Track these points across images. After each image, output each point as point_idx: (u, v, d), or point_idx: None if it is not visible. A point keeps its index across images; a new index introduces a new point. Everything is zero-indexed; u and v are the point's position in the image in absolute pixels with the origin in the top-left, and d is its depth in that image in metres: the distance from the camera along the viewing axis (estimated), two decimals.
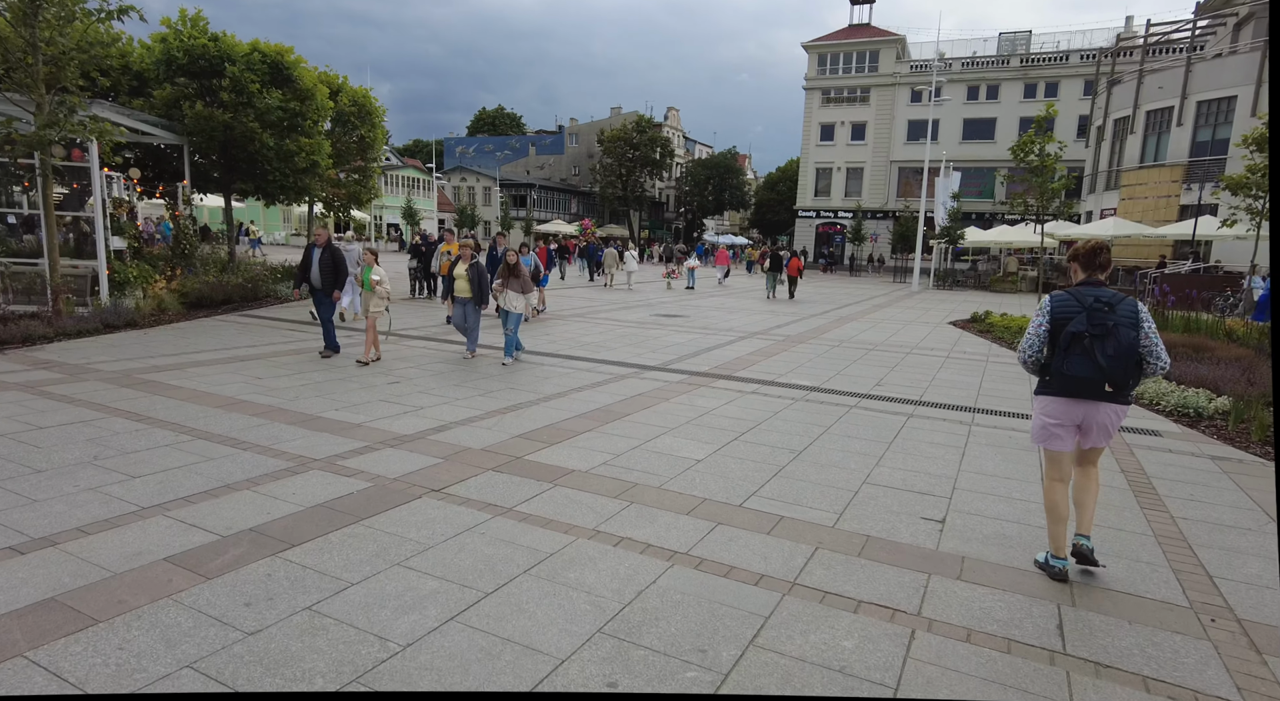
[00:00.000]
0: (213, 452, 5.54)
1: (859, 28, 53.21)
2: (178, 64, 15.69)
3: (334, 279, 9.70)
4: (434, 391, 8.05)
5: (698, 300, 21.93)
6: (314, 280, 9.73)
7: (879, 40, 51.28)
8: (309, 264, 9.71)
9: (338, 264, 9.67)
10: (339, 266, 9.66)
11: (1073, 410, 3.95)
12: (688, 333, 14.09)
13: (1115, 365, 3.77)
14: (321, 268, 9.66)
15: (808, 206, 54.31)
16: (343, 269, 9.69)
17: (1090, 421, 3.95)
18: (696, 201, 73.32)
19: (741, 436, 6.72)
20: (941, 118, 47.07)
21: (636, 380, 9.22)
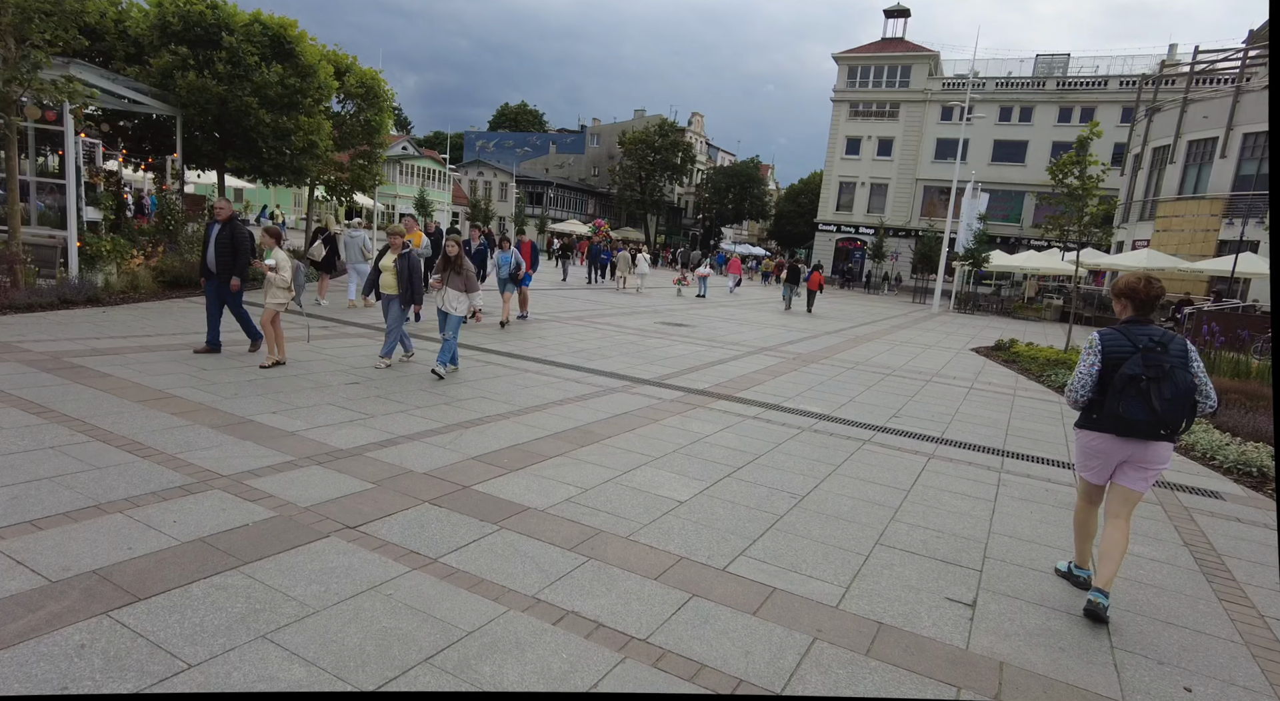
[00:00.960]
0: (103, 460, 4.68)
1: (892, 42, 52.21)
2: (172, 30, 14.96)
3: (231, 262, 8.08)
4: (395, 396, 7.18)
5: (707, 309, 21.01)
6: (209, 262, 8.18)
7: (912, 55, 50.25)
8: (206, 243, 8.22)
9: (238, 245, 8.06)
10: (239, 248, 8.07)
11: (1122, 448, 3.91)
12: (692, 344, 13.17)
13: (1171, 409, 3.71)
14: (218, 248, 8.06)
15: (829, 220, 53.27)
16: (243, 252, 8.10)
17: (1138, 458, 3.89)
18: (716, 209, 72.42)
19: (736, 472, 5.79)
20: (971, 137, 45.94)
21: (626, 395, 8.32)
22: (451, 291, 8.18)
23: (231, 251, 8.07)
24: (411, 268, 8.34)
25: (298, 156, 17.36)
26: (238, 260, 8.11)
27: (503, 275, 13.10)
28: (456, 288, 8.18)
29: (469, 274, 8.19)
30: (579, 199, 72.94)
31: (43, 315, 9.65)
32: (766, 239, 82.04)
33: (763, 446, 6.68)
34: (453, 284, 8.18)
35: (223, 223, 8.14)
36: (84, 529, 3.70)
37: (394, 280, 8.48)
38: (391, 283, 8.52)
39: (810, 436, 7.27)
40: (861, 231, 51.93)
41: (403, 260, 8.37)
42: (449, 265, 8.18)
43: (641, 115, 73.46)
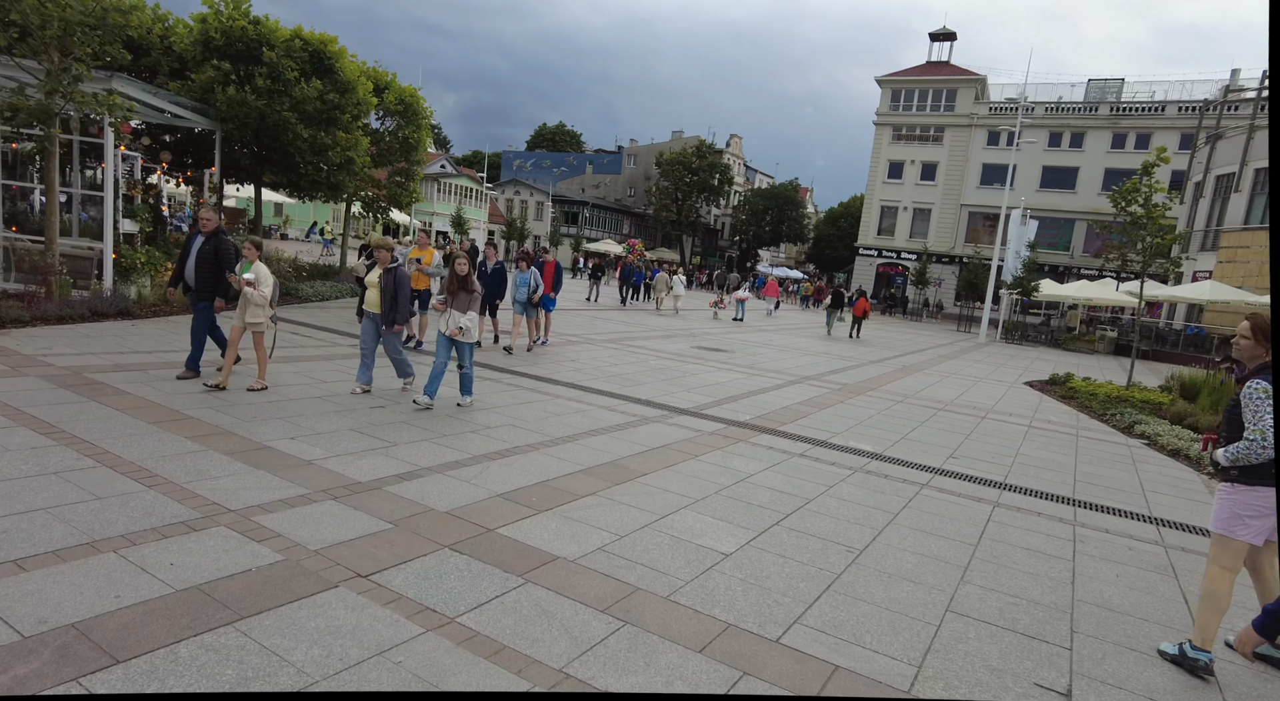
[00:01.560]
0: (106, 488, 4.41)
1: (937, 65, 51.63)
2: (215, 45, 15.17)
3: (213, 278, 7.41)
4: (420, 422, 6.87)
5: (745, 334, 20.54)
6: (188, 277, 7.55)
7: (958, 79, 49.58)
8: (186, 256, 7.59)
9: (221, 259, 7.41)
10: (222, 263, 7.42)
11: None
12: (730, 371, 12.73)
13: None
14: (199, 262, 7.41)
15: (870, 244, 52.50)
16: (226, 267, 7.44)
17: None
18: (753, 231, 72.06)
19: (785, 520, 5.33)
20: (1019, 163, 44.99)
21: (663, 426, 7.91)
22: (455, 313, 7.46)
23: (214, 267, 7.43)
24: (398, 283, 7.71)
25: (334, 172, 17.45)
26: (219, 278, 7.44)
27: (520, 297, 12.03)
28: (462, 309, 7.45)
29: (475, 296, 7.50)
30: (614, 219, 73.17)
31: (72, 327, 9.60)
32: (805, 262, 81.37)
33: (812, 489, 6.20)
34: (459, 305, 7.45)
35: (208, 235, 7.50)
36: (72, 571, 3.39)
37: (378, 298, 7.84)
38: (376, 300, 7.87)
39: (863, 478, 6.77)
40: (903, 256, 51.04)
41: (388, 275, 7.70)
42: (459, 285, 7.46)
43: (679, 136, 73.71)
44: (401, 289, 7.73)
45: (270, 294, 7.33)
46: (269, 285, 7.31)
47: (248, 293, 7.10)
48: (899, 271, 51.90)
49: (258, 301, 7.20)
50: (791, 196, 71.67)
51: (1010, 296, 34.37)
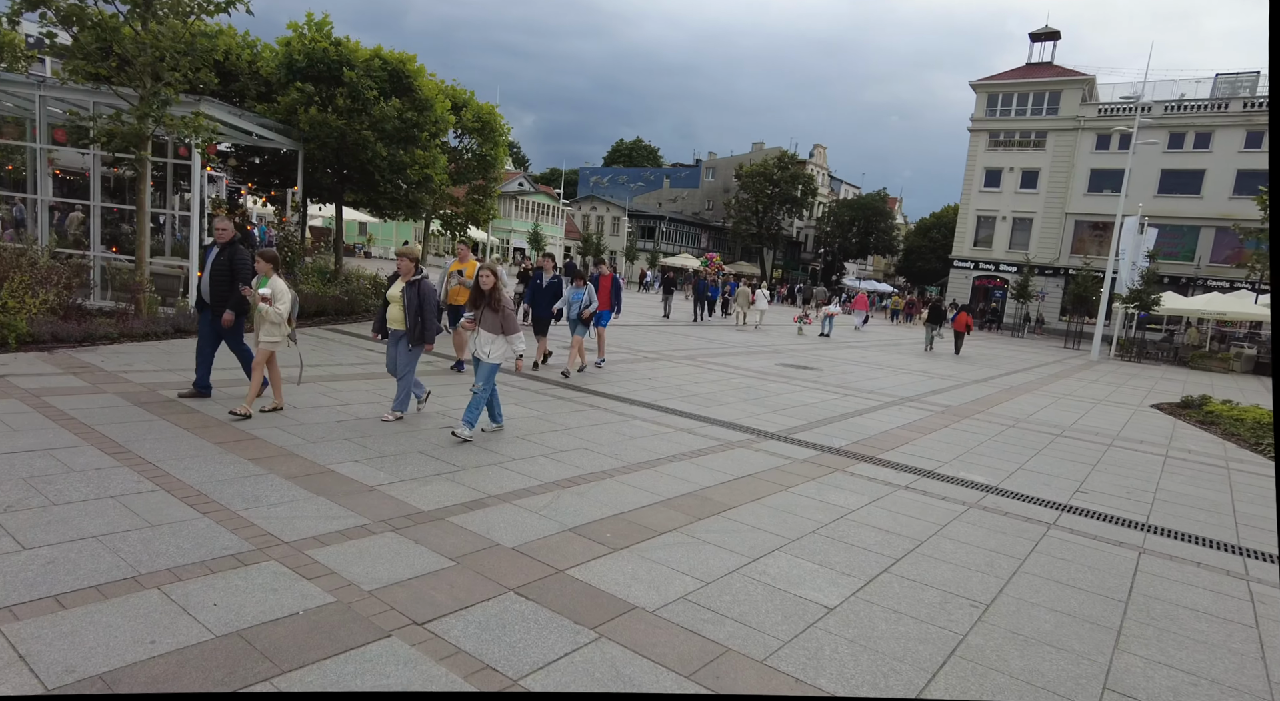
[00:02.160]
0: (161, 515, 4.27)
1: (1039, 66, 49.20)
2: (298, 67, 15.72)
3: (227, 291, 7.04)
4: (490, 445, 6.59)
5: (833, 350, 19.70)
6: (202, 290, 7.22)
7: (1062, 80, 47.05)
8: (203, 267, 7.31)
9: (236, 272, 7.03)
10: (237, 275, 7.04)
11: None
12: (820, 390, 12.05)
13: None
14: (214, 274, 7.06)
15: (965, 256, 50.26)
16: (241, 279, 7.04)
17: None
18: (838, 243, 70.42)
19: (894, 566, 4.73)
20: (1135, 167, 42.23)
21: (749, 452, 7.39)
22: (484, 332, 6.75)
23: (229, 280, 7.05)
24: (422, 297, 7.03)
25: (412, 190, 17.78)
26: (234, 291, 7.06)
27: (572, 315, 11.17)
28: (491, 329, 6.72)
29: (507, 313, 6.73)
30: (692, 233, 72.96)
31: (155, 344, 9.88)
32: (893, 275, 78.96)
33: (922, 529, 5.56)
34: (487, 324, 6.73)
35: (223, 246, 7.15)
36: (111, 610, 3.19)
37: (402, 313, 7.13)
38: (399, 316, 7.18)
39: (979, 516, 6.07)
40: (1002, 268, 48.59)
41: (411, 288, 7.02)
42: (483, 301, 6.73)
43: (760, 148, 73.03)
44: (427, 303, 7.05)
45: (288, 310, 6.82)
46: (286, 301, 6.78)
47: (263, 309, 6.61)
48: (997, 284, 49.43)
49: (273, 318, 6.69)
50: (879, 207, 69.74)
51: (1125, 310, 32.01)
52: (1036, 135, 47.72)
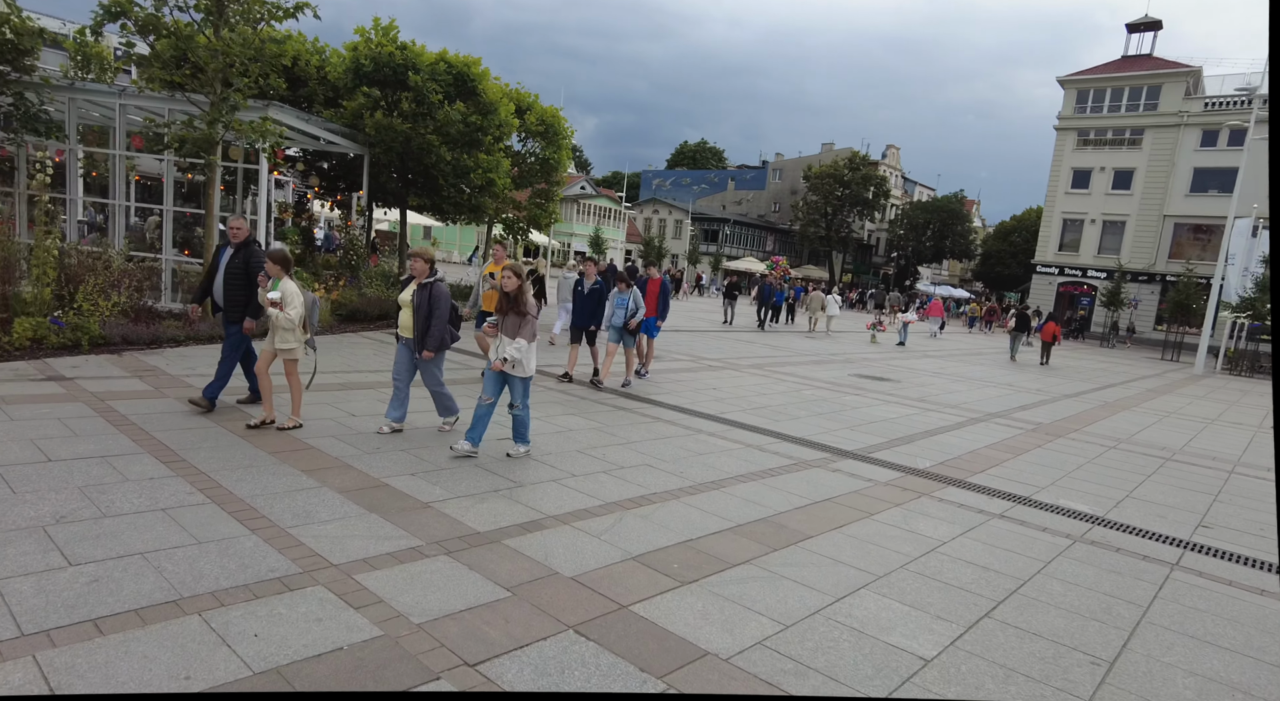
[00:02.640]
0: (209, 531, 4.15)
1: (1136, 59, 46.70)
2: (364, 72, 15.97)
3: (244, 296, 6.65)
4: (549, 458, 6.36)
5: (910, 360, 18.92)
6: (216, 295, 6.85)
7: (1164, 73, 44.47)
8: (215, 270, 6.92)
9: (252, 273, 6.65)
10: (253, 278, 6.63)
11: None
12: (899, 404, 11.47)
13: None
14: (228, 278, 6.69)
15: (1049, 262, 48.07)
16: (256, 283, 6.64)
17: None
18: (912, 246, 68.49)
19: (996, 610, 4.27)
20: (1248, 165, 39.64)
21: (825, 473, 6.96)
22: (506, 339, 6.18)
23: (245, 283, 6.67)
24: (434, 301, 6.48)
25: (475, 194, 17.89)
26: (253, 295, 6.62)
27: (615, 322, 10.32)
28: (511, 335, 6.15)
29: (529, 319, 6.18)
30: (757, 236, 72.11)
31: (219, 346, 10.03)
32: (970, 280, 76.42)
33: (1024, 566, 5.05)
34: (510, 331, 6.17)
35: (237, 247, 6.77)
36: (148, 638, 3.05)
37: (413, 319, 6.58)
38: (409, 322, 6.63)
39: (1087, 552, 5.51)
40: (1090, 274, 46.28)
41: (422, 292, 6.49)
42: (508, 305, 6.19)
43: (829, 148, 71.72)
44: (438, 308, 6.49)
45: (300, 315, 6.36)
46: (298, 305, 6.33)
47: (273, 315, 6.21)
48: (1084, 291, 47.11)
49: (284, 325, 6.27)
50: (956, 209, 67.55)
51: (1234, 320, 29.93)
52: (1132, 132, 45.28)
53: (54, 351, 8.45)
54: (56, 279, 9.77)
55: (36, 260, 9.31)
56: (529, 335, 6.13)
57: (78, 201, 13.25)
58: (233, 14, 11.33)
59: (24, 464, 4.88)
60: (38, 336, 8.53)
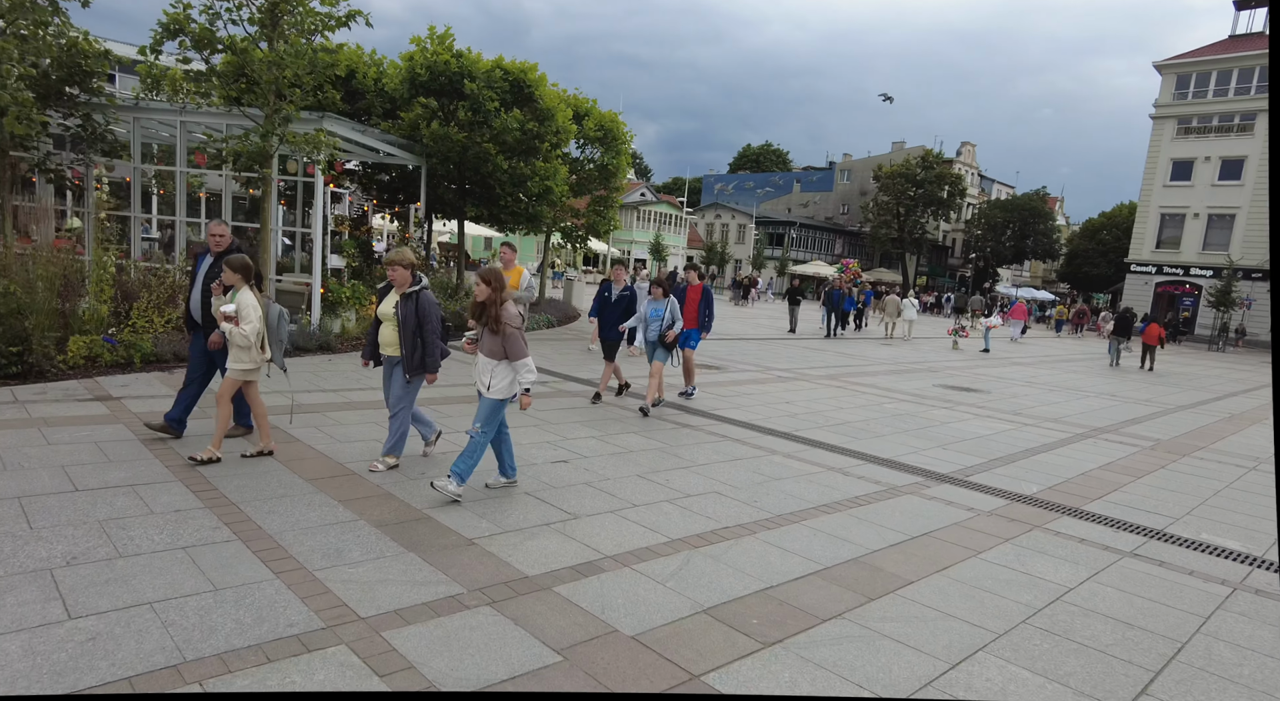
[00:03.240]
0: (228, 576, 3.78)
1: (1246, 38, 43.65)
2: (420, 82, 15.92)
3: None
4: (605, 484, 5.85)
5: (997, 368, 17.75)
6: (193, 308, 6.23)
7: None
8: (192, 281, 6.30)
9: None
10: None
11: None
12: (992, 418, 10.56)
13: None
14: (206, 288, 6.01)
15: (1145, 260, 45.28)
16: None
17: None
18: (990, 247, 65.85)
19: (1154, 684, 3.53)
20: None
21: (919, 501, 6.24)
22: (482, 357, 5.29)
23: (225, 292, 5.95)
24: (421, 315, 5.66)
25: (533, 202, 17.66)
26: None
27: (650, 336, 9.19)
28: (492, 354, 5.23)
29: (509, 333, 5.16)
30: (825, 239, 70.56)
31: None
32: (1054, 281, 73.10)
33: (1177, 623, 4.26)
34: (488, 348, 5.25)
35: (217, 255, 6.11)
36: None
37: (394, 334, 5.78)
38: (393, 338, 5.81)
39: (1253, 604, 4.65)
40: (1193, 273, 43.36)
41: (408, 303, 5.68)
42: (483, 316, 5.28)
43: (900, 147, 69.77)
44: (428, 321, 5.71)
45: (257, 330, 5.57)
46: (255, 320, 5.53)
47: (227, 330, 5.49)
48: (1186, 291, 44.15)
49: (239, 341, 5.52)
50: (1038, 207, 64.64)
51: None
52: (1242, 118, 42.29)
53: (107, 369, 8.42)
54: (114, 296, 9.84)
55: (95, 277, 9.37)
56: (518, 351, 5.18)
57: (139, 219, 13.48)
58: (287, 26, 11.33)
59: (49, 494, 4.63)
60: (92, 354, 8.52)
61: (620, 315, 9.56)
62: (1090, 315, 42.06)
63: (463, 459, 5.18)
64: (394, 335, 5.77)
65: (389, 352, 5.88)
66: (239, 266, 5.59)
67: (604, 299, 9.76)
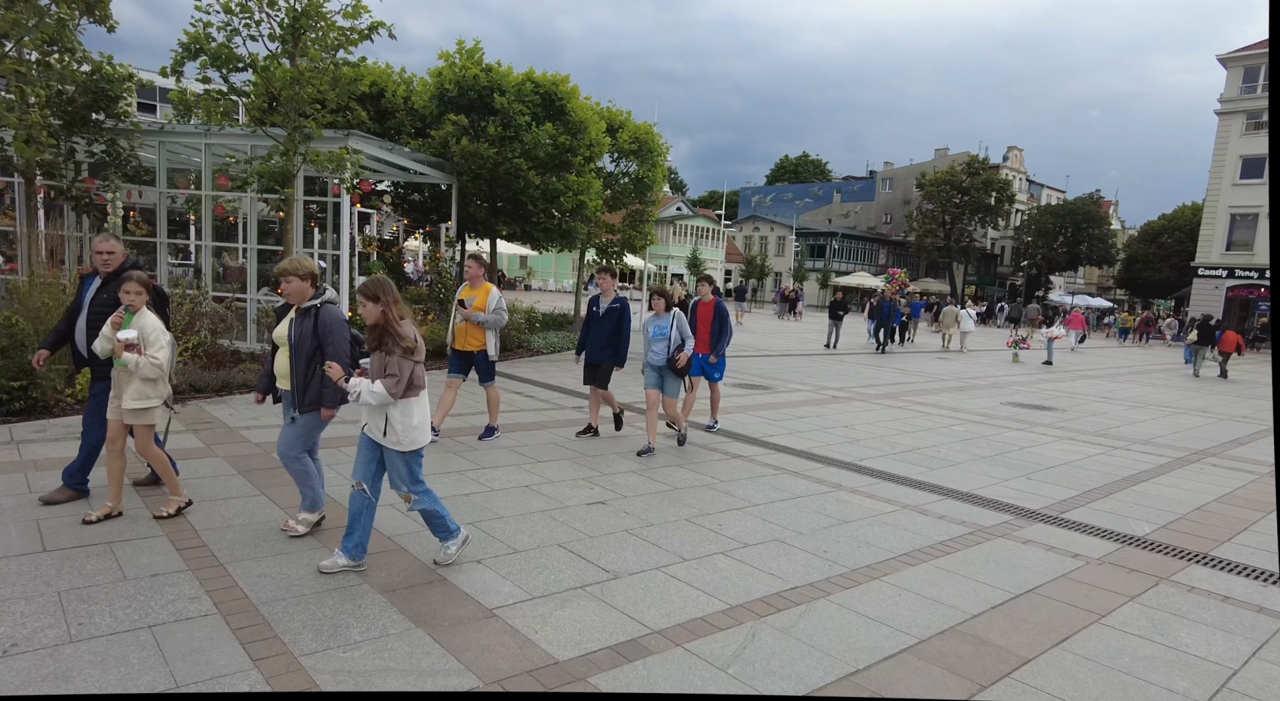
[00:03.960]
0: (196, 665, 3.13)
1: None
2: (449, 97, 15.54)
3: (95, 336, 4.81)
4: (646, 531, 5.13)
5: (1066, 382, 16.60)
6: (78, 341, 5.09)
7: None
8: (76, 309, 5.16)
9: None
10: None
11: None
12: (1074, 440, 9.58)
13: None
14: (93, 317, 4.98)
15: (1214, 263, 43.13)
16: None
17: None
18: (1041, 254, 63.78)
19: None
20: None
21: (1014, 546, 5.39)
22: (364, 385, 4.02)
23: None
24: (322, 334, 4.52)
25: (566, 218, 17.14)
26: None
27: (655, 361, 7.47)
28: (379, 385, 4.00)
29: (398, 359, 4.02)
30: (868, 249, 69.15)
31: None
32: (1111, 288, 70.54)
33: None
34: (374, 369, 4.11)
35: (107, 277, 5.06)
36: None
37: (287, 363, 4.65)
38: (286, 366, 4.69)
39: None
40: (1268, 276, 41.12)
41: (304, 321, 4.55)
42: (379, 338, 4.07)
43: (944, 154, 68.23)
44: (330, 342, 4.50)
45: (169, 360, 4.70)
46: (163, 348, 4.63)
47: (126, 361, 4.49)
48: (1261, 295, 41.90)
49: (147, 374, 4.56)
50: (1092, 212, 62.44)
51: None
52: None
53: None
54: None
55: None
56: (410, 383, 4.04)
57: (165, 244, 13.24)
58: (308, 42, 10.99)
59: (12, 557, 4.08)
60: None
61: (609, 332, 7.71)
62: (1157, 322, 40.13)
63: (435, 529, 4.34)
64: (286, 363, 4.65)
65: (286, 386, 4.71)
66: (141, 283, 4.66)
67: (592, 314, 7.92)
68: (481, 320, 7.25)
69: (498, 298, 7.36)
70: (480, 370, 7.51)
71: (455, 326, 7.47)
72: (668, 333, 7.38)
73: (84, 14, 11.95)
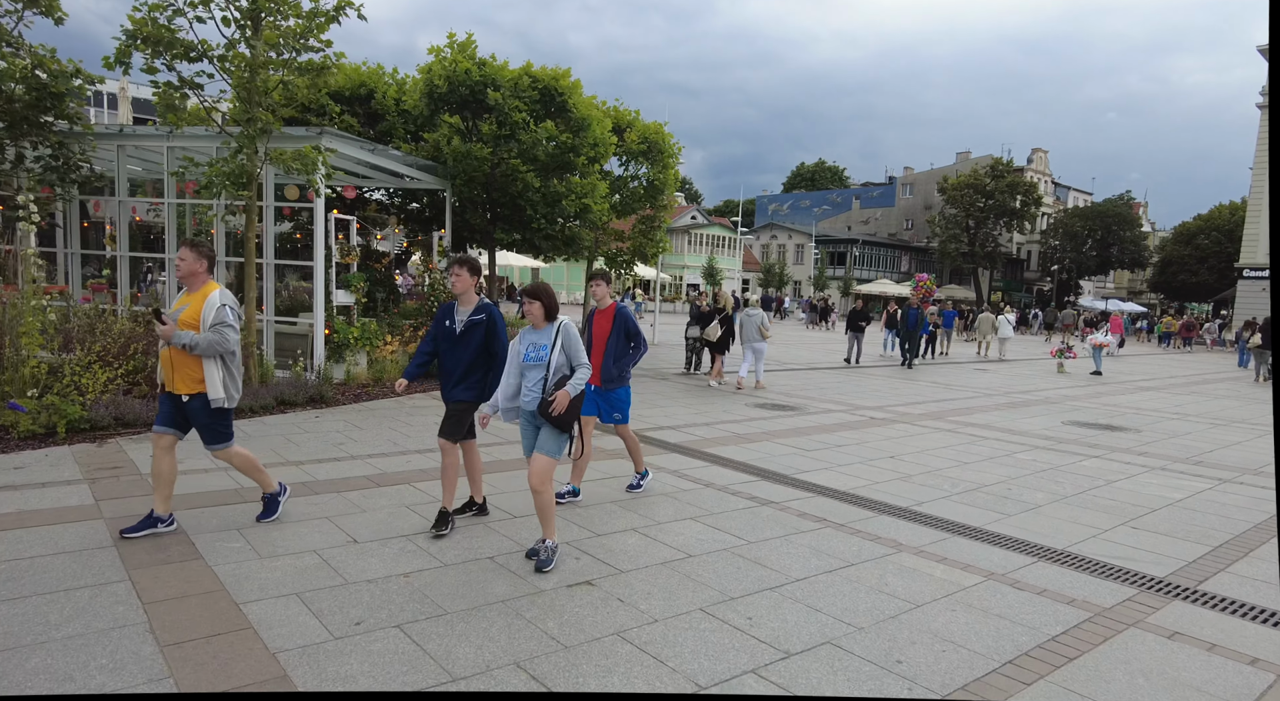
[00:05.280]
0: None
1: None
2: (439, 94, 14.28)
3: None
4: (643, 631, 3.70)
5: (1125, 394, 14.97)
6: None
7: None
8: None
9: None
10: None
11: None
12: (1167, 471, 8.04)
13: None
14: None
15: (1258, 264, 41.13)
16: None
17: None
18: (1070, 258, 61.79)
19: None
20: None
21: (1154, 640, 3.90)
22: None
23: None
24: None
25: (569, 224, 15.83)
26: None
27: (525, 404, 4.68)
28: None
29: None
30: (890, 255, 67.45)
31: (245, 422, 8.09)
32: (1143, 291, 68.39)
33: None
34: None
35: None
36: None
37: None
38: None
39: None
40: None
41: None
42: None
43: (966, 158, 66.60)
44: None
45: None
46: None
47: None
48: None
49: None
50: (1123, 214, 60.47)
51: None
52: None
53: (21, 442, 6.70)
54: (58, 347, 8.21)
55: (24, 328, 7.67)
56: None
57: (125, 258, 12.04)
58: (268, 26, 9.75)
59: None
60: (3, 423, 6.84)
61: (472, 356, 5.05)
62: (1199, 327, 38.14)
63: None
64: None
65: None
66: None
67: (447, 329, 5.17)
68: (191, 341, 4.50)
69: (217, 305, 4.60)
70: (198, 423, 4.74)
71: None
72: (546, 357, 4.56)
73: (27, 5, 10.82)
